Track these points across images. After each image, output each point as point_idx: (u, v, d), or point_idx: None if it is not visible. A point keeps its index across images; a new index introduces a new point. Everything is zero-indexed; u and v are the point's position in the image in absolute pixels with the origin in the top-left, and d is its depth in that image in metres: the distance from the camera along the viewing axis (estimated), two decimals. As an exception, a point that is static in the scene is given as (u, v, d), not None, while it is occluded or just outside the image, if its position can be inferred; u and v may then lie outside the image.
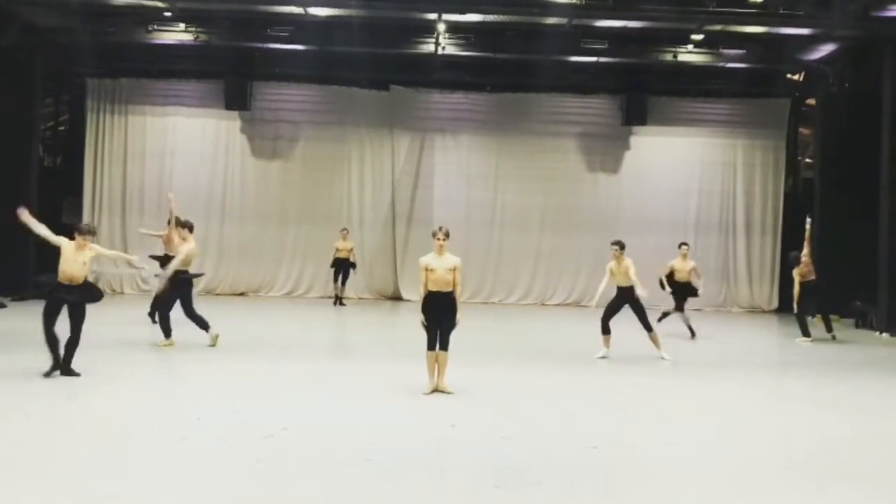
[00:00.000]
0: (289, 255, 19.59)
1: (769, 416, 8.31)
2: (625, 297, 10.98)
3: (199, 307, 11.45)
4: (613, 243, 11.04)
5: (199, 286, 19.16)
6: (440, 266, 8.22)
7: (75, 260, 8.87)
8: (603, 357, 11.00)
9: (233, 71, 18.82)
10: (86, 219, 19.20)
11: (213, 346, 11.03)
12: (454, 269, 8.24)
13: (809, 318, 18.45)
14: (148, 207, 19.28)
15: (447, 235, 8.33)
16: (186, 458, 5.88)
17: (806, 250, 14.70)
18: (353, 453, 6.10)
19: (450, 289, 8.20)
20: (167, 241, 12.98)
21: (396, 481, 5.48)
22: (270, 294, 19.53)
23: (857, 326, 16.92)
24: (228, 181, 19.57)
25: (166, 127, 19.37)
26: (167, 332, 10.95)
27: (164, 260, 12.18)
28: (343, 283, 17.89)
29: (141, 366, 9.88)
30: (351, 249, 17.89)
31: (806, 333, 14.31)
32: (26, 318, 13.99)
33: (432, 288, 8.18)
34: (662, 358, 10.74)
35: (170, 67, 19.15)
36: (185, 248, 10.93)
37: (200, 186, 19.33)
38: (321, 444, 6.40)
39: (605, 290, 11.13)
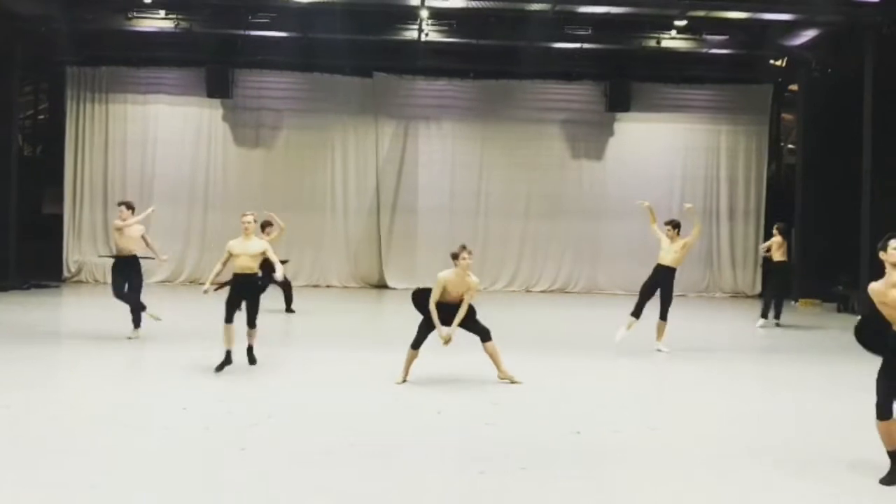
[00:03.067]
0: (272, 244, 19.43)
1: (753, 400, 8.36)
2: (661, 277, 10.55)
3: (184, 296, 11.40)
4: (667, 223, 10.69)
5: (182, 275, 19.17)
6: (459, 289, 8.10)
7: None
8: (621, 339, 10.53)
9: (214, 58, 18.65)
10: (66, 208, 19.09)
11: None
12: (469, 290, 8.13)
13: (793, 303, 18.69)
14: (130, 197, 18.87)
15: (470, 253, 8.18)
16: (170, 448, 5.85)
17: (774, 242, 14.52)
18: (338, 440, 6.09)
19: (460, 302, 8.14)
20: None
21: (382, 468, 5.48)
22: (255, 283, 19.40)
23: (838, 311, 17.06)
24: (211, 170, 19.42)
25: (148, 115, 19.20)
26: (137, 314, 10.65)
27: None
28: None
29: (120, 355, 9.81)
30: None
31: (764, 315, 14.10)
32: (4, 308, 13.94)
33: (446, 300, 8.11)
34: (659, 350, 10.57)
35: (150, 55, 18.95)
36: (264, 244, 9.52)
37: (183, 175, 19.19)
38: (307, 431, 6.40)
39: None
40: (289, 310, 13.98)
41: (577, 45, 18.22)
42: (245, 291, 8.77)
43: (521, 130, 19.65)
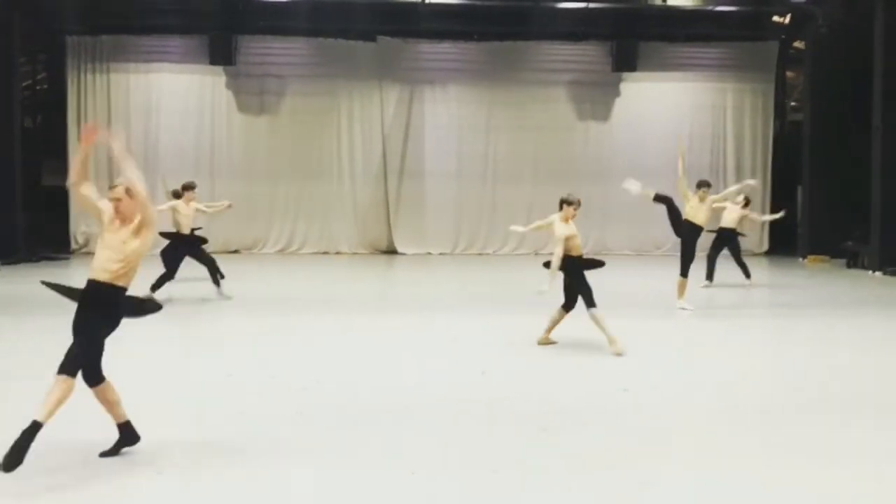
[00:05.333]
0: (280, 211, 19.42)
1: (777, 355, 8.45)
2: (689, 233, 10.59)
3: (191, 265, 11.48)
4: (700, 184, 10.77)
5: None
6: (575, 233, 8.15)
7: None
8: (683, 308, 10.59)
9: (216, 25, 18.41)
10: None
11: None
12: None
13: (801, 260, 18.82)
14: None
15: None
16: (226, 412, 5.86)
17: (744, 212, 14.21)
18: (390, 402, 6.12)
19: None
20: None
21: (442, 428, 5.51)
22: (264, 251, 19.42)
23: (848, 266, 17.17)
24: (216, 138, 19.28)
25: (150, 84, 18.98)
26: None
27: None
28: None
29: (157, 324, 9.79)
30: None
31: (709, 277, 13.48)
32: (18, 281, 13.87)
33: (573, 253, 8.07)
34: (683, 308, 10.61)
35: (152, 23, 18.67)
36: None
37: (187, 144, 19.04)
38: (356, 395, 6.42)
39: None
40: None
41: (583, 5, 18.08)
42: None
43: (526, 93, 19.53)
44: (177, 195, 11.86)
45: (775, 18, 19.73)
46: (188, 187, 11.51)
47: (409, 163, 19.56)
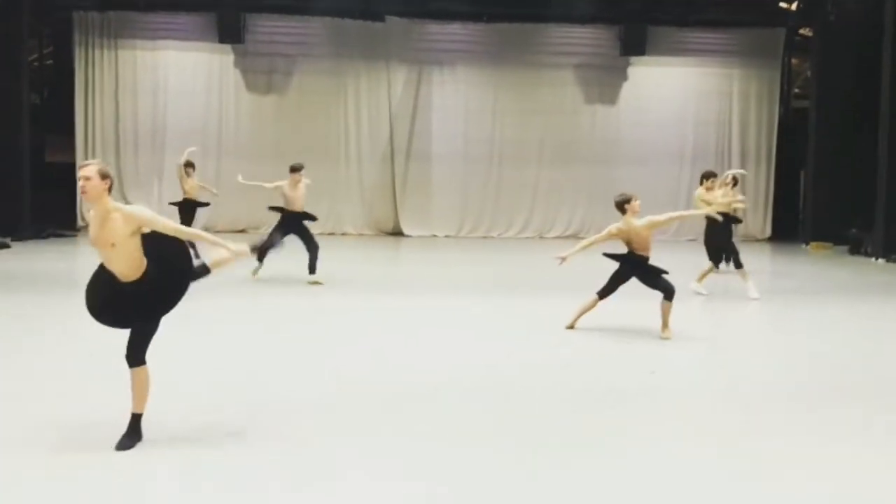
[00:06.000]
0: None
1: (804, 338, 8.59)
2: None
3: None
4: (706, 175, 10.95)
5: (197, 224, 19.11)
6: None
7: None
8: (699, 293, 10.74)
9: (225, 2, 18.34)
10: (79, 157, 18.88)
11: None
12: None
13: (804, 246, 19.00)
14: (142, 144, 19.02)
15: None
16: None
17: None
18: (425, 382, 6.23)
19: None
20: None
21: (478, 404, 5.63)
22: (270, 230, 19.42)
23: (851, 253, 17.35)
24: (224, 116, 19.28)
25: (158, 62, 18.93)
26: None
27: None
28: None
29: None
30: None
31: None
32: (30, 257, 13.92)
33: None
34: (698, 293, 10.75)
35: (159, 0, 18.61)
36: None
37: (195, 122, 19.02)
38: (398, 374, 6.52)
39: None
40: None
41: (592, -12, 18.07)
42: None
43: (534, 75, 19.58)
44: (189, 165, 12.87)
45: (782, 5, 19.81)
46: (295, 168, 11.49)
47: (416, 144, 19.61)
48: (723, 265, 11.19)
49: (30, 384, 6.02)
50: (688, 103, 20.14)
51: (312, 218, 11.45)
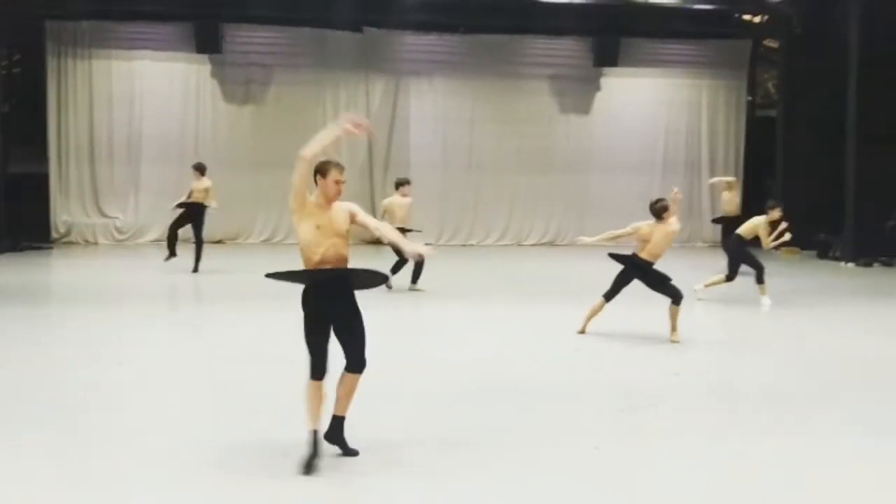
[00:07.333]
0: (265, 201, 19.33)
1: (809, 340, 8.94)
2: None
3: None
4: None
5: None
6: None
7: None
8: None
9: (202, 12, 18.25)
10: (52, 168, 18.56)
11: None
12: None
13: (774, 251, 19.53)
14: (118, 154, 18.78)
15: None
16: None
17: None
18: (436, 386, 6.36)
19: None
20: None
21: (508, 404, 5.78)
22: (249, 241, 19.39)
23: (819, 257, 17.95)
24: (200, 127, 19.11)
25: (133, 72, 18.70)
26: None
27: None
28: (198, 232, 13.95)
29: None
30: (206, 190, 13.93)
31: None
32: (14, 272, 13.68)
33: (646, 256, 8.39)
34: (700, 299, 11.10)
35: (135, 9, 18.36)
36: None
37: (172, 133, 18.84)
38: (409, 378, 6.63)
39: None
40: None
41: (567, 0, 18.45)
42: None
43: (510, 86, 19.86)
44: (199, 169, 13.65)
45: (748, 17, 20.47)
46: (401, 183, 12.03)
47: (395, 154, 19.72)
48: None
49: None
50: (658, 113, 20.63)
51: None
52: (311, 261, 4.58)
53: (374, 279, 4.81)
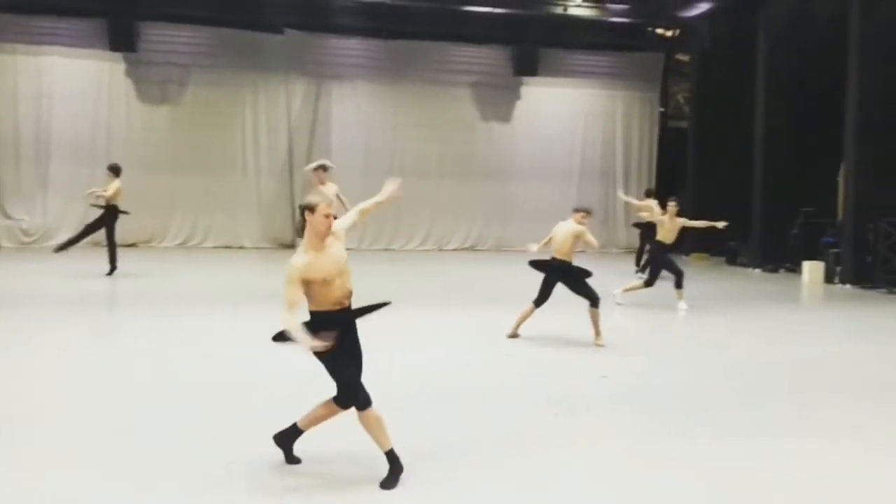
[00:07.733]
0: (181, 204, 18.89)
1: (732, 345, 9.32)
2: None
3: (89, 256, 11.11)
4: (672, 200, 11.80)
5: (87, 238, 18.22)
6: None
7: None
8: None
9: (117, 9, 17.71)
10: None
11: None
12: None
13: (684, 257, 20.26)
14: (24, 153, 18.01)
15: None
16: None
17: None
18: (391, 390, 6.38)
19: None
20: None
21: (460, 414, 5.84)
22: (163, 244, 18.85)
23: (728, 263, 18.71)
24: (113, 126, 18.50)
25: (41, 68, 17.95)
26: None
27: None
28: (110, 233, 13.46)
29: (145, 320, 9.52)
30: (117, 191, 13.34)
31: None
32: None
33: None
34: (681, 310, 11.39)
35: (44, 3, 17.67)
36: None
37: (83, 131, 18.20)
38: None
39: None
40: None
41: (488, 9, 18.73)
42: None
43: (432, 92, 20.00)
44: (114, 170, 13.28)
45: (661, 32, 21.19)
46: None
47: (316, 157, 19.39)
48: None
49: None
50: (576, 122, 21.11)
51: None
52: (325, 303, 4.60)
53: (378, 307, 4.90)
